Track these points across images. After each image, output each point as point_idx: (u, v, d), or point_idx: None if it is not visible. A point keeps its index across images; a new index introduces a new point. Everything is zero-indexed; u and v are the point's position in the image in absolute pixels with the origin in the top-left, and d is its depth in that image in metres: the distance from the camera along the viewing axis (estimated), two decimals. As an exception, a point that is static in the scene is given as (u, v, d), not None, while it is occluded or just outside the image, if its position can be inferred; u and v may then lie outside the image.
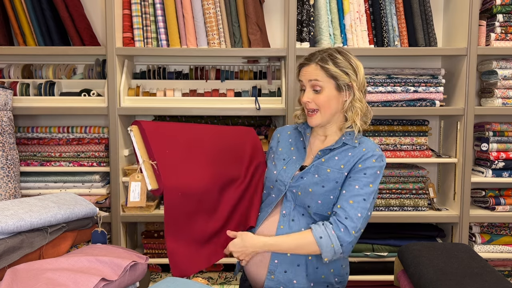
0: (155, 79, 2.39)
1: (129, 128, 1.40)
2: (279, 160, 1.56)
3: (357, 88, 1.45)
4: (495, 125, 2.30)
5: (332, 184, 1.43)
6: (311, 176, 1.45)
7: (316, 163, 1.47)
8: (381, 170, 1.44)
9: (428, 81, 2.25)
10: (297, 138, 1.59)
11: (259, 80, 2.39)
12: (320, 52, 1.48)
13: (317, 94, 1.45)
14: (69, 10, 2.20)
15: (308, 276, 1.44)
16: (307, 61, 1.48)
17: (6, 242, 1.34)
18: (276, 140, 1.64)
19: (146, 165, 1.37)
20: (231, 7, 2.24)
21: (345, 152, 1.46)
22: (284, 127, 1.68)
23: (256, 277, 1.50)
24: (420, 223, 2.36)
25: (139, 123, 1.42)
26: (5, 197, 2.02)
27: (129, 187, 1.40)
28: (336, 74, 1.43)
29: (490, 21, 2.27)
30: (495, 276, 1.45)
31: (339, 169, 1.44)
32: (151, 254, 2.33)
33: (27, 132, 2.30)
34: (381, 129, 2.29)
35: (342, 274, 1.51)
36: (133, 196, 1.39)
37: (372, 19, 2.25)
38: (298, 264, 1.43)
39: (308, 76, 1.46)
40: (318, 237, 1.36)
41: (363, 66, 1.50)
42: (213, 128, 1.68)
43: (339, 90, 1.45)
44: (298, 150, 1.56)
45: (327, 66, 1.43)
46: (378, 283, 2.31)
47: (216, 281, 2.33)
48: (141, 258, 1.50)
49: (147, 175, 1.37)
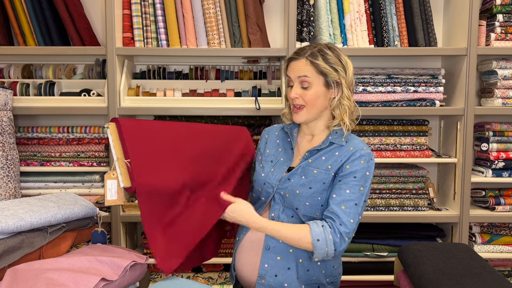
0: (155, 79, 2.39)
1: (106, 125, 1.38)
2: (267, 162, 1.54)
3: (346, 85, 1.43)
4: (495, 125, 2.30)
5: (319, 185, 1.41)
6: (298, 177, 1.43)
7: (303, 164, 1.45)
8: (371, 170, 1.42)
9: (428, 81, 2.25)
10: (285, 139, 1.57)
11: (259, 80, 2.39)
12: (310, 47, 1.45)
13: (305, 90, 1.43)
14: (69, 10, 2.20)
15: (299, 279, 1.43)
16: (297, 56, 1.45)
17: (6, 242, 1.34)
18: (264, 141, 1.62)
19: (120, 162, 1.35)
20: (231, 7, 2.24)
21: (332, 152, 1.44)
22: (272, 127, 1.65)
23: (247, 282, 1.49)
24: (420, 223, 2.36)
25: (117, 120, 1.40)
26: (5, 197, 2.02)
27: (105, 185, 1.38)
28: (326, 70, 1.40)
29: (490, 21, 2.27)
30: (495, 276, 1.45)
31: (326, 170, 1.42)
32: (151, 254, 2.33)
33: (27, 132, 2.30)
34: (381, 129, 2.29)
35: (334, 275, 1.50)
36: (110, 194, 1.37)
37: (372, 19, 2.25)
38: (289, 267, 1.42)
39: (297, 72, 1.43)
40: (316, 239, 1.34)
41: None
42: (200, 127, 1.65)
43: (327, 87, 1.43)
44: (285, 151, 1.53)
45: (317, 61, 1.40)
46: (378, 283, 2.30)
47: (216, 281, 2.33)
48: (141, 258, 1.50)
49: (120, 172, 1.35)
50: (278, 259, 1.42)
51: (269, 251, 1.43)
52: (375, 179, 2.30)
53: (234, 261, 1.54)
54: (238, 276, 1.53)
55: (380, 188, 2.30)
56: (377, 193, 2.30)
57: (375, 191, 2.30)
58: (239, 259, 1.50)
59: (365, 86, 2.22)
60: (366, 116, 2.27)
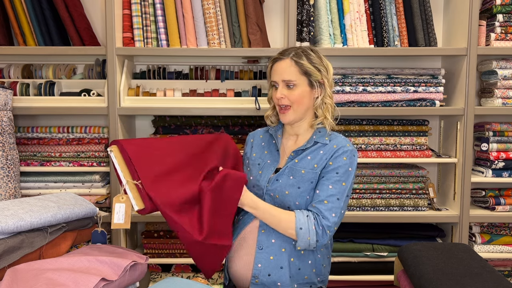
0: (155, 79, 2.39)
1: (109, 149, 1.38)
2: (254, 165, 1.57)
3: (328, 85, 1.49)
4: (495, 125, 2.30)
5: (307, 184, 1.45)
6: (286, 178, 1.47)
7: (290, 165, 1.49)
8: (353, 167, 1.46)
9: (428, 81, 2.25)
10: (270, 141, 1.60)
11: (259, 80, 2.39)
12: (294, 48, 1.50)
13: (290, 90, 1.47)
14: (69, 10, 2.20)
15: (292, 278, 1.46)
16: (281, 56, 1.49)
17: (6, 242, 1.34)
18: (250, 145, 1.65)
19: (130, 185, 1.35)
20: (231, 7, 2.24)
21: (317, 151, 1.48)
22: (256, 131, 1.69)
23: (241, 281, 1.52)
24: (420, 223, 2.36)
25: (118, 142, 1.40)
26: (5, 197, 2.02)
27: (113, 209, 1.37)
28: (310, 70, 1.45)
29: (490, 21, 2.27)
30: (495, 276, 1.45)
31: (313, 169, 1.46)
32: (151, 254, 2.33)
33: (27, 132, 2.30)
34: (381, 129, 2.29)
35: (323, 273, 1.54)
36: (117, 218, 1.37)
37: (372, 19, 2.25)
38: (281, 266, 1.45)
39: (281, 76, 1.47)
40: (299, 227, 1.39)
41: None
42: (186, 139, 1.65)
43: (311, 87, 1.47)
44: (271, 153, 1.56)
45: (302, 61, 1.45)
46: (378, 283, 2.30)
47: (216, 281, 2.33)
48: (141, 258, 1.50)
49: (132, 196, 1.34)
50: (271, 259, 1.45)
51: (262, 251, 1.46)
52: (375, 179, 2.30)
53: (228, 261, 1.57)
54: (231, 276, 1.56)
55: (380, 188, 2.30)
56: (377, 193, 2.30)
57: (375, 191, 2.30)
58: (233, 260, 1.54)
59: (365, 86, 2.22)
60: (366, 116, 2.27)
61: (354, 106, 2.22)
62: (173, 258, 2.32)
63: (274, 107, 1.57)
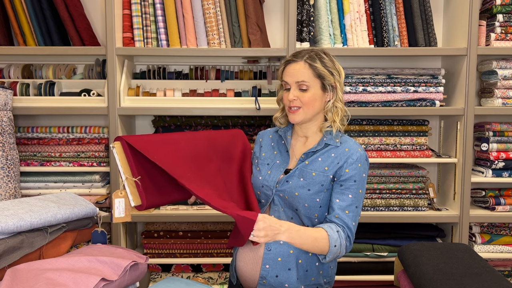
0: (155, 79, 2.39)
1: (112, 145, 1.38)
2: (263, 165, 1.56)
3: (340, 89, 1.48)
4: (495, 125, 2.30)
5: (318, 187, 1.44)
6: (296, 179, 1.46)
7: (300, 166, 1.48)
8: (367, 172, 1.48)
9: (428, 81, 2.25)
10: (279, 142, 1.59)
11: (259, 80, 2.39)
12: (307, 51, 1.49)
13: (303, 92, 1.46)
14: (69, 10, 2.20)
15: (299, 279, 1.46)
16: (295, 58, 1.48)
17: (6, 242, 1.34)
18: (259, 145, 1.64)
19: (129, 181, 1.37)
20: (231, 7, 2.24)
21: (328, 153, 1.47)
22: (266, 131, 1.68)
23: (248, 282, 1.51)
24: (420, 223, 2.36)
25: (122, 139, 1.40)
26: (5, 197, 2.02)
27: (112, 204, 1.39)
28: (323, 74, 1.44)
29: (490, 21, 2.27)
30: (495, 276, 1.45)
31: (324, 172, 1.45)
32: (151, 254, 2.33)
33: (27, 132, 2.30)
34: (381, 129, 2.29)
35: (330, 275, 1.54)
36: (118, 212, 1.39)
37: (372, 19, 2.25)
38: (289, 268, 1.44)
39: (295, 77, 1.46)
40: (333, 245, 1.38)
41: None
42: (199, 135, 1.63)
43: (324, 90, 1.47)
44: (281, 154, 1.56)
45: (316, 64, 1.44)
46: (378, 283, 2.31)
47: (216, 281, 2.33)
48: (141, 258, 1.50)
49: (130, 192, 1.36)
50: (279, 260, 1.44)
51: (270, 252, 1.45)
52: (375, 179, 2.30)
53: (235, 261, 1.56)
54: (239, 276, 1.55)
55: (380, 188, 2.30)
56: (377, 193, 2.30)
57: (375, 191, 2.30)
58: (241, 259, 1.53)
59: (365, 86, 2.22)
60: (366, 116, 2.27)
61: (354, 106, 2.22)
62: (173, 258, 2.32)
63: (283, 109, 1.56)
